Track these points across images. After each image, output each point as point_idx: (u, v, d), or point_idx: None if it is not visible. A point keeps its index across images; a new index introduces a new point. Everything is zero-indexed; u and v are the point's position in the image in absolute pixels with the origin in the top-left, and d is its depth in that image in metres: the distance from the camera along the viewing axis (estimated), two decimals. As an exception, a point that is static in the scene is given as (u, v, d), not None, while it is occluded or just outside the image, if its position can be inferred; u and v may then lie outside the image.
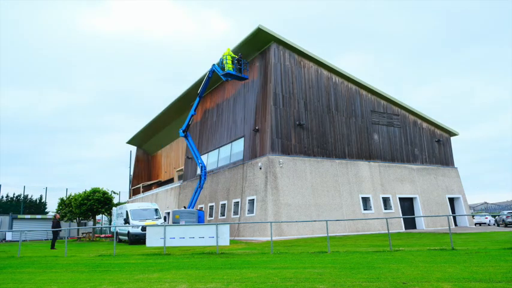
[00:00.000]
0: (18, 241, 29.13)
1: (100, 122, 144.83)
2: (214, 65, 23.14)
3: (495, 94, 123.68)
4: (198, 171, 29.51)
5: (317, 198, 21.51)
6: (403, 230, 23.90)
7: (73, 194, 34.74)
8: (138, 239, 21.27)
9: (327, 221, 13.31)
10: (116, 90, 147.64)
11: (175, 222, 21.10)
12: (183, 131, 24.76)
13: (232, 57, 22.54)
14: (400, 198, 24.96)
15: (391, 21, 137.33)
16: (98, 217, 41.93)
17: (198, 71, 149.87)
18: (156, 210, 24.74)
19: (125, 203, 39.09)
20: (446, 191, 27.52)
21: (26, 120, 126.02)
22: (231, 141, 25.92)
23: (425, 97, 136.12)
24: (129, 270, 9.51)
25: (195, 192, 23.68)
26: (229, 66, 22.18)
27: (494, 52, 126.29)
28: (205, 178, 23.85)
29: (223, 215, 24.10)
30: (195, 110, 24.81)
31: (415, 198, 25.68)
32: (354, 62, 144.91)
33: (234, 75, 22.71)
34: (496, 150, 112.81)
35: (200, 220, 21.73)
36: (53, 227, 19.27)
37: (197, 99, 24.84)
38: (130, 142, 48.34)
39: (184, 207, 25.33)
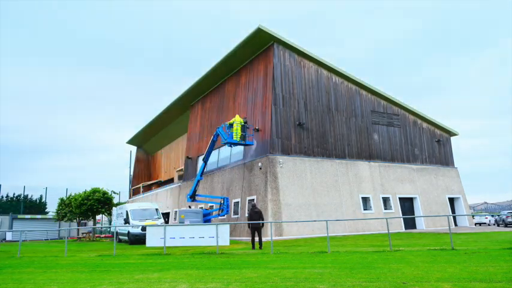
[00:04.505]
0: (18, 241, 29.14)
1: (99, 121, 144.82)
2: (219, 128, 22.17)
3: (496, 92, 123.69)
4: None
5: (317, 198, 21.50)
6: (403, 230, 23.89)
7: (73, 194, 34.75)
8: (138, 239, 21.25)
9: (327, 221, 13.30)
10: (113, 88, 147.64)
11: (181, 221, 20.95)
12: (191, 197, 23.48)
13: (242, 125, 21.34)
14: (400, 198, 24.95)
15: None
16: (98, 217, 41.93)
17: (200, 69, 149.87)
18: (156, 210, 24.74)
19: (125, 203, 39.07)
20: (446, 191, 27.52)
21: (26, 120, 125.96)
22: (231, 141, 25.84)
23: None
24: (129, 270, 9.51)
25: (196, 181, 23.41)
26: (237, 137, 21.09)
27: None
28: (227, 210, 22.55)
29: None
30: (201, 175, 23.82)
31: (415, 198, 25.68)
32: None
33: (238, 143, 21.63)
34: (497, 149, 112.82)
35: (205, 219, 22.23)
36: None
37: (203, 164, 23.93)
38: (130, 142, 48.33)
39: (189, 207, 25.37)
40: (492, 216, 37.05)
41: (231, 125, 21.25)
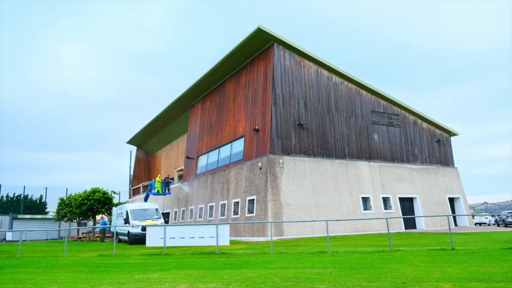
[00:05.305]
0: (18, 241, 29.17)
1: (99, 122, 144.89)
2: (150, 181, 32.37)
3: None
4: (198, 171, 29.80)
5: (317, 198, 21.50)
6: (403, 230, 23.90)
7: (73, 194, 34.76)
8: (138, 239, 21.27)
9: (327, 221, 13.31)
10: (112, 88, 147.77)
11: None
12: None
13: (161, 181, 32.02)
14: (400, 198, 24.96)
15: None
16: (98, 217, 41.94)
17: (201, 68, 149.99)
18: (157, 210, 24.76)
19: (125, 203, 39.09)
20: (446, 191, 27.52)
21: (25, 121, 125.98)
22: (231, 141, 25.93)
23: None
24: (129, 270, 9.51)
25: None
26: (158, 188, 31.65)
27: None
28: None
29: (223, 215, 24.10)
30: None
31: (415, 198, 25.68)
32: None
33: (158, 194, 31.98)
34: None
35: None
36: None
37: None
38: (130, 142, 48.34)
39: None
40: (492, 216, 37.10)
41: (155, 181, 32.33)
